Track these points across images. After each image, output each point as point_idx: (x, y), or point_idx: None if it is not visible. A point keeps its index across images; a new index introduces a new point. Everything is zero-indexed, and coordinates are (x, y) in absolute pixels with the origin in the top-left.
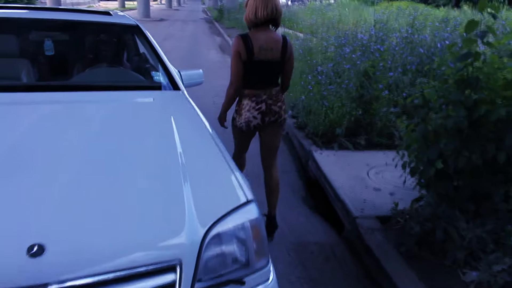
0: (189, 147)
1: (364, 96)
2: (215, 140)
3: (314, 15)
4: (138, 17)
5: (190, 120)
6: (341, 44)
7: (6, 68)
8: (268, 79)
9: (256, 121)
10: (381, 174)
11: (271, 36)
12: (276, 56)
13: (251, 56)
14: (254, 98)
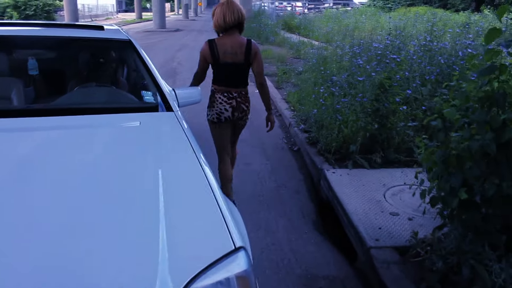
0: (172, 182)
1: (380, 110)
2: (204, 170)
3: (330, 23)
4: (154, 28)
5: (178, 148)
6: (356, 53)
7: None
8: (236, 79)
9: (227, 113)
10: (398, 195)
11: (237, 41)
12: (240, 59)
13: (217, 60)
14: (226, 94)
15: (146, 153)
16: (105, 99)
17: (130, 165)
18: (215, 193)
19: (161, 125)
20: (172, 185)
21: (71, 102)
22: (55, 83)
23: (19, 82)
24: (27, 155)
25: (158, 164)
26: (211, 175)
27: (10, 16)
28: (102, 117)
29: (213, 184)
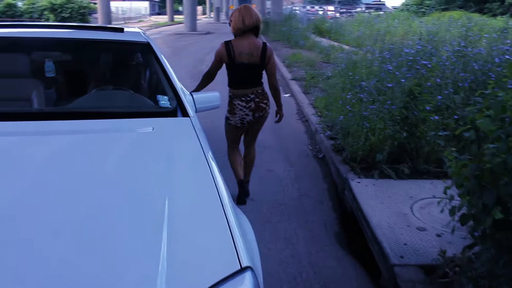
0: (180, 192)
1: (409, 118)
2: (216, 181)
3: (361, 27)
4: (185, 31)
5: (189, 156)
6: (386, 58)
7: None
8: (251, 79)
9: (248, 117)
10: (427, 209)
11: (253, 43)
12: (255, 60)
13: (232, 59)
14: (243, 98)
15: (155, 161)
16: (119, 103)
17: (136, 173)
18: (225, 207)
19: (174, 132)
20: (180, 195)
21: (84, 105)
22: (76, 85)
23: (39, 83)
24: (33, 160)
25: (166, 173)
26: (223, 187)
27: (47, 18)
28: (113, 122)
29: (224, 197)
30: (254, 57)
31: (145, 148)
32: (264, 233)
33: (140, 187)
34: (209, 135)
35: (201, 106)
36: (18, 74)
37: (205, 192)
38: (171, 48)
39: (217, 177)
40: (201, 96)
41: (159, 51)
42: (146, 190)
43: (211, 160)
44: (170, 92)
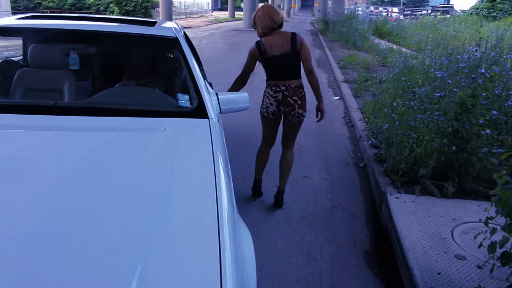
0: (173, 206)
1: (460, 131)
2: (217, 193)
3: (424, 30)
4: (244, 27)
5: (196, 165)
6: (443, 64)
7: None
8: (284, 71)
9: (272, 107)
10: (470, 234)
11: (281, 35)
12: (286, 49)
13: (264, 54)
14: (273, 87)
15: (158, 165)
16: (138, 100)
17: (134, 178)
18: (222, 227)
19: (188, 134)
20: (172, 208)
21: (101, 101)
22: (100, 79)
23: (71, 75)
24: (29, 156)
25: (162, 181)
26: (226, 200)
27: (112, 11)
28: (124, 120)
29: (224, 215)
30: (285, 46)
31: (149, 152)
32: (288, 245)
33: (133, 192)
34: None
35: (227, 107)
36: (47, 65)
37: (203, 206)
38: (227, 44)
39: (222, 187)
40: (227, 97)
41: (187, 47)
42: (139, 196)
43: (220, 169)
44: (193, 91)
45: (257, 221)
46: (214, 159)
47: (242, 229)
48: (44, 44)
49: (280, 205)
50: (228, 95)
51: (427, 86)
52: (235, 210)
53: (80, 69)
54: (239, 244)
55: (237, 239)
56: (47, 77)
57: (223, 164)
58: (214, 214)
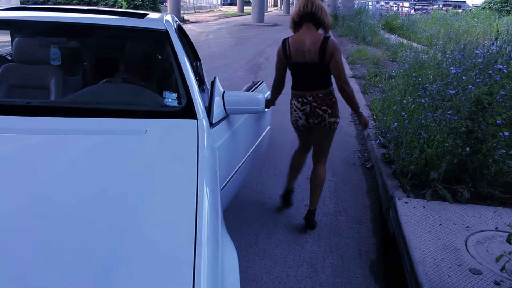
0: (148, 217)
1: (475, 131)
2: (198, 208)
3: (436, 25)
4: (252, 22)
5: (178, 174)
6: (455, 59)
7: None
8: (311, 81)
9: (301, 121)
10: (486, 245)
11: (311, 37)
12: (313, 58)
13: (289, 59)
14: (300, 99)
15: (131, 174)
16: (122, 99)
17: (101, 189)
18: (200, 242)
19: (172, 137)
20: (144, 224)
21: (82, 100)
22: (100, 73)
23: (58, 70)
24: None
25: (137, 190)
26: (207, 216)
27: (120, 6)
28: (102, 122)
29: (204, 228)
30: (312, 54)
31: (124, 158)
32: (287, 255)
33: (100, 202)
34: None
35: (234, 108)
36: (32, 60)
37: (177, 222)
38: (235, 39)
39: (204, 198)
40: (234, 97)
41: (178, 41)
42: (107, 206)
43: (205, 177)
44: (182, 89)
45: (256, 227)
46: (198, 166)
47: (225, 244)
48: (28, 37)
49: (312, 226)
50: (237, 94)
51: (439, 82)
52: (220, 223)
53: (69, 63)
54: (219, 265)
55: (217, 260)
56: (33, 73)
57: (209, 171)
58: (192, 228)
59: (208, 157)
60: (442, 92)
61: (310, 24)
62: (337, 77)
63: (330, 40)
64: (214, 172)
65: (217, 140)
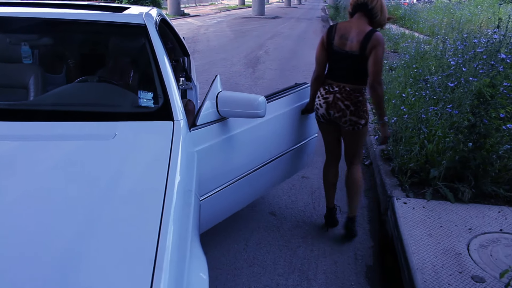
0: (105, 244)
1: (477, 126)
2: (162, 220)
3: (438, 14)
4: (253, 14)
5: (144, 183)
6: (457, 50)
7: None
8: (344, 71)
9: (322, 110)
10: (490, 248)
11: (358, 27)
12: (354, 48)
13: (331, 44)
14: (326, 87)
15: (92, 183)
16: (94, 99)
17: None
18: (160, 267)
19: (143, 141)
20: (101, 239)
21: (50, 101)
22: (85, 71)
23: (38, 68)
24: None
25: (98, 200)
26: (171, 230)
27: (120, 1)
28: (68, 125)
29: (166, 247)
30: (354, 44)
31: (84, 167)
32: (278, 261)
33: (57, 212)
34: None
35: (228, 111)
36: (7, 58)
37: (138, 238)
38: (234, 32)
39: (171, 208)
40: (229, 98)
41: (157, 36)
42: (63, 216)
43: (175, 186)
44: (159, 88)
45: (246, 232)
46: (168, 174)
47: (196, 258)
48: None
49: (353, 235)
50: (233, 95)
51: (441, 73)
52: (190, 236)
53: (51, 61)
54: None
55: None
56: (10, 71)
57: (182, 179)
58: (153, 243)
59: (182, 163)
60: (443, 85)
61: (361, 15)
62: (373, 73)
63: (376, 33)
64: (189, 178)
65: (201, 143)
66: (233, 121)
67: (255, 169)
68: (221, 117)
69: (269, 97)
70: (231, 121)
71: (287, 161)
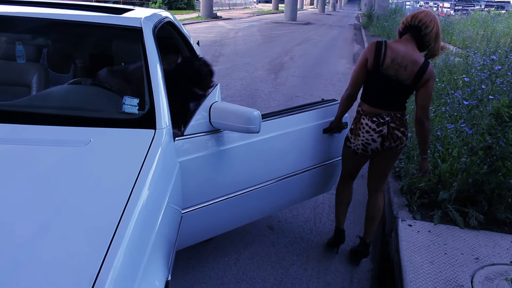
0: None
1: (493, 148)
2: (120, 229)
3: (474, 27)
4: (285, 20)
5: (105, 196)
6: (484, 65)
7: None
8: (392, 100)
9: (375, 144)
10: (496, 282)
11: (412, 54)
12: (408, 77)
13: (378, 67)
14: (375, 118)
15: (53, 190)
16: (77, 104)
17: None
18: (103, 277)
19: (116, 150)
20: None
21: (32, 104)
22: (92, 72)
23: (41, 67)
24: None
25: (56, 208)
26: (125, 243)
27: (154, 1)
28: (46, 130)
29: (117, 260)
30: (407, 73)
31: (50, 173)
32: (267, 279)
33: None
34: None
35: (219, 123)
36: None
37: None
38: (263, 37)
39: (127, 227)
40: (222, 109)
41: (151, 41)
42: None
43: (141, 200)
44: (147, 94)
45: (240, 246)
46: (135, 185)
47: (154, 274)
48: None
49: (365, 255)
50: (226, 107)
51: (466, 89)
52: (147, 254)
53: (57, 60)
54: None
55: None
56: (13, 69)
57: (153, 191)
58: (97, 264)
59: (155, 175)
60: (464, 102)
61: (412, 37)
62: (422, 107)
63: (431, 66)
64: (162, 191)
65: (188, 154)
66: (230, 134)
67: (253, 188)
68: (215, 128)
69: (281, 113)
70: (228, 134)
71: (297, 185)
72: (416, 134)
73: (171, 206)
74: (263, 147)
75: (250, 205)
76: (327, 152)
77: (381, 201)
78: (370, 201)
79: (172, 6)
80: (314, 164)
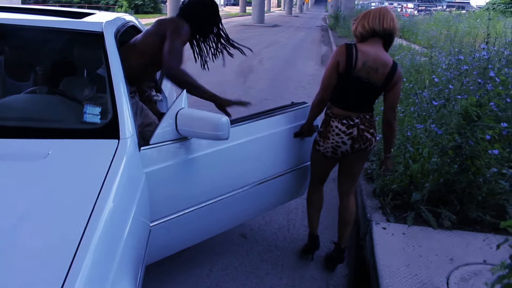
0: None
1: (463, 147)
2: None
3: (437, 26)
4: (252, 22)
5: (64, 210)
6: (450, 64)
7: None
8: (363, 102)
9: (345, 147)
10: (471, 282)
11: (382, 56)
12: (379, 80)
13: (350, 70)
14: (345, 121)
15: (3, 210)
16: (33, 114)
17: None
18: None
19: (77, 162)
20: None
21: None
22: (53, 79)
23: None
24: None
25: (6, 229)
26: (89, 261)
27: (120, 5)
28: (14, 143)
29: (79, 279)
30: (378, 76)
31: (6, 191)
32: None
33: None
34: None
35: (187, 130)
36: None
37: None
38: None
39: (90, 243)
40: (189, 116)
41: (113, 45)
42: None
43: (104, 216)
44: (109, 102)
45: (213, 256)
46: (97, 199)
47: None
48: None
49: (340, 261)
50: (193, 113)
51: (433, 88)
52: (113, 271)
53: (18, 68)
54: None
55: None
56: None
57: (117, 204)
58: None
59: (119, 188)
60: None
61: (379, 40)
62: (390, 109)
63: (399, 68)
64: (128, 203)
65: (154, 164)
66: (198, 141)
67: (224, 196)
68: (182, 136)
69: (250, 118)
70: (196, 142)
71: (270, 191)
72: (383, 134)
73: (139, 219)
74: (233, 154)
75: (222, 214)
76: (299, 156)
77: (353, 204)
78: (341, 205)
79: (138, 10)
80: (287, 169)
